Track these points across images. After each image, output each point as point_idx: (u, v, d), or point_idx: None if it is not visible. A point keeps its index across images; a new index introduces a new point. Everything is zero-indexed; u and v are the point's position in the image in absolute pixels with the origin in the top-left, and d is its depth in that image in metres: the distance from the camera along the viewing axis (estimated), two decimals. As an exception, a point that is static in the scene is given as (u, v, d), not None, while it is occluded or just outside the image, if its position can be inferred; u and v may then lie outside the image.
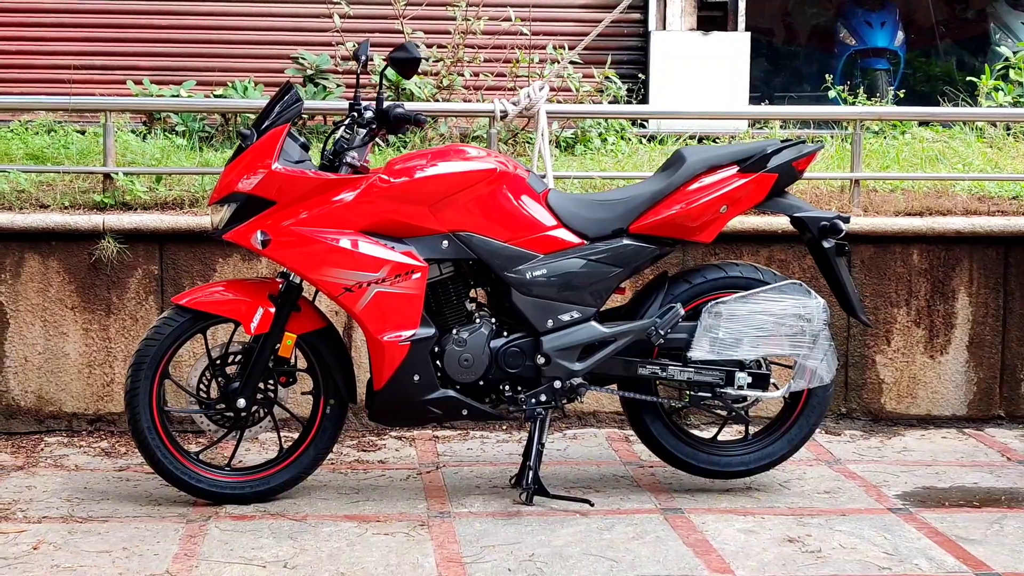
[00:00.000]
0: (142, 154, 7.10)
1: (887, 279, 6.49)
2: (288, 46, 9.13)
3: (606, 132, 8.43)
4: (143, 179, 6.60)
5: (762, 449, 5.49)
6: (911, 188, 7.11)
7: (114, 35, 9.31)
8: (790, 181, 5.34)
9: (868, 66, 11.07)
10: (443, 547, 4.79)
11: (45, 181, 6.71)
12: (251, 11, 9.45)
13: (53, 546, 4.75)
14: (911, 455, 6.10)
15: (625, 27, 9.82)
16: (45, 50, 9.21)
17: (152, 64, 9.25)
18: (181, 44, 9.31)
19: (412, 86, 8.05)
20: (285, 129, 5.06)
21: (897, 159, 7.73)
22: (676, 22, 9.80)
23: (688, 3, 9.85)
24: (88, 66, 9.28)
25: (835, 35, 11.58)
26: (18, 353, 6.21)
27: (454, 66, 8.38)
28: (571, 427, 6.44)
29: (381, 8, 8.82)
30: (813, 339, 5.30)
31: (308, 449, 5.29)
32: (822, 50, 12.17)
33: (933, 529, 5.04)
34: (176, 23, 9.36)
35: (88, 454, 5.96)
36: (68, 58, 9.21)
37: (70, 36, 9.25)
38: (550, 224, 5.22)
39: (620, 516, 5.16)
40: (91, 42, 9.29)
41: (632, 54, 9.79)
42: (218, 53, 9.30)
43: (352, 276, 5.03)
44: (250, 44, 9.33)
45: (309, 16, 9.26)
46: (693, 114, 8.08)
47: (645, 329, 5.25)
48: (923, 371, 6.54)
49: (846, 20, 11.40)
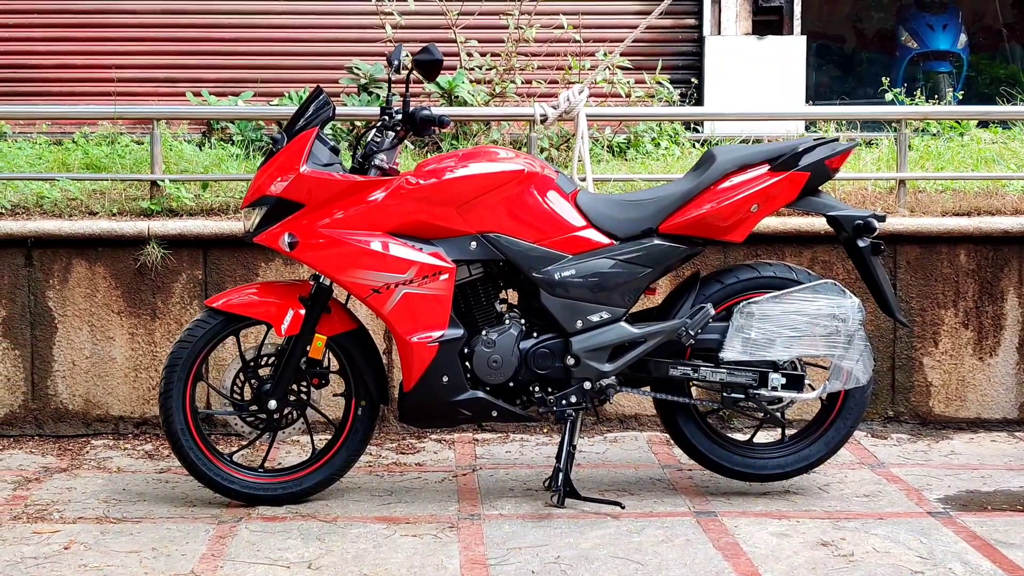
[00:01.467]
0: (195, 163, 7.16)
1: (934, 280, 6.40)
2: (344, 56, 9.18)
3: (659, 136, 8.41)
4: (191, 186, 6.67)
5: (799, 452, 5.42)
6: (962, 188, 7.00)
7: (178, 48, 9.46)
8: (823, 179, 5.27)
9: (930, 69, 10.97)
10: (469, 549, 4.78)
11: (99, 190, 6.80)
12: (308, 23, 9.56)
13: (84, 546, 4.81)
14: (957, 458, 6.01)
15: (680, 32, 9.82)
16: (112, 63, 9.36)
17: (214, 76, 9.39)
18: (241, 56, 9.44)
19: (465, 94, 8.07)
20: (314, 132, 5.09)
21: (953, 160, 7.62)
22: (731, 27, 9.76)
23: (743, 8, 9.81)
24: (152, 79, 9.43)
25: (896, 39, 11.47)
26: (66, 357, 6.30)
27: (506, 74, 8.39)
28: (612, 430, 6.42)
29: (434, 18, 8.84)
30: (848, 339, 5.23)
31: (340, 450, 5.31)
32: (884, 54, 12.05)
33: (972, 533, 4.95)
34: (236, 36, 9.49)
35: (131, 456, 6.02)
36: (132, 71, 9.36)
37: (135, 50, 9.41)
38: (579, 224, 5.20)
39: (651, 519, 5.12)
40: (156, 55, 9.45)
41: (687, 59, 9.77)
42: (276, 64, 9.42)
43: (380, 277, 5.05)
44: (307, 55, 9.44)
45: (364, 27, 9.33)
46: (731, 115, 8.06)
47: (675, 329, 5.21)
48: (972, 373, 6.43)
49: (907, 23, 11.30)
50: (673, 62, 9.70)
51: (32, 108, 8.11)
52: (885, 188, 6.90)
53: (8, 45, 9.34)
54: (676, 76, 9.57)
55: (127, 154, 7.32)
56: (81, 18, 9.38)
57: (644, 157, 8.04)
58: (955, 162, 7.57)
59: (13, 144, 7.54)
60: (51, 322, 6.28)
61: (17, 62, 9.33)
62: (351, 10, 9.41)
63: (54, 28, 9.38)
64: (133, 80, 9.29)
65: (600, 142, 8.20)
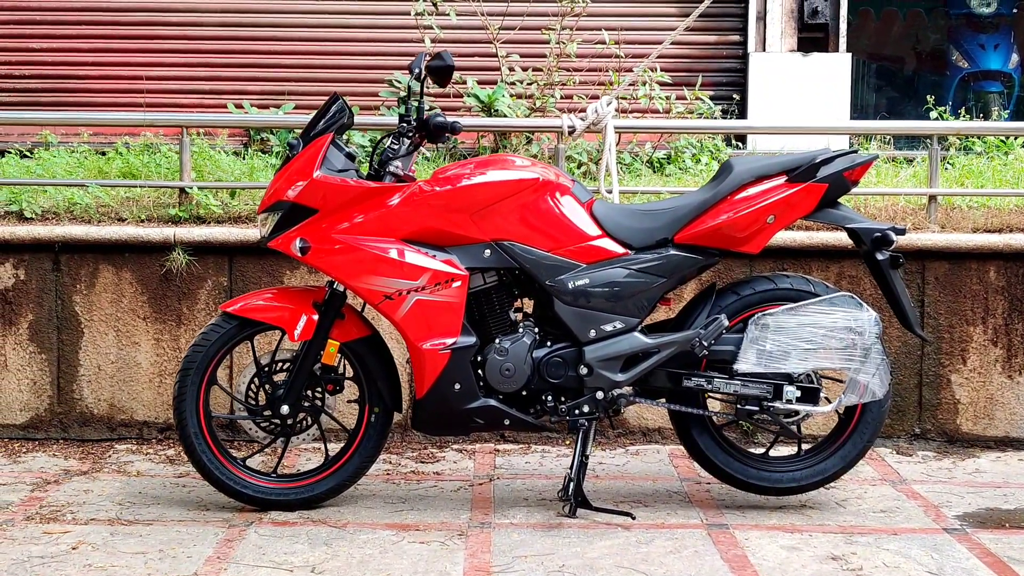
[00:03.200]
0: (229, 171, 7.21)
1: (963, 296, 6.31)
2: (385, 70, 9.22)
3: (699, 152, 8.36)
4: (221, 194, 6.71)
5: (814, 466, 5.36)
6: (998, 206, 6.91)
7: (223, 60, 9.53)
8: (842, 192, 5.22)
9: (981, 89, 10.83)
10: (475, 556, 4.77)
11: (133, 197, 6.85)
12: (350, 37, 9.60)
13: (91, 546, 4.84)
14: (982, 476, 5.92)
15: (724, 49, 9.76)
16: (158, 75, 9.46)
17: (258, 88, 9.44)
18: (283, 69, 9.49)
19: (504, 107, 8.08)
20: (328, 138, 5.11)
21: (993, 178, 7.52)
22: (776, 44, 9.69)
23: (788, 25, 9.75)
24: (196, 91, 9.52)
25: (947, 58, 11.34)
26: (92, 362, 6.35)
27: (547, 88, 8.39)
28: (635, 443, 6.38)
29: (476, 32, 8.86)
30: (865, 353, 5.17)
31: (353, 457, 5.31)
32: (935, 72, 11.92)
33: (985, 550, 4.88)
34: (279, 49, 9.55)
35: (153, 461, 6.06)
36: (178, 83, 9.46)
37: (180, 62, 9.49)
38: (594, 234, 5.18)
39: (662, 530, 5.08)
40: (201, 67, 9.52)
41: (731, 76, 9.71)
42: (318, 78, 9.46)
43: (392, 284, 5.06)
44: (349, 68, 9.48)
45: (405, 41, 9.36)
46: (762, 128, 8.06)
47: (689, 340, 5.18)
48: (1001, 391, 6.34)
49: (958, 43, 11.17)
50: (717, 79, 9.65)
51: (61, 115, 8.23)
52: (919, 204, 6.82)
53: (55, 56, 9.46)
54: (720, 93, 9.54)
55: (164, 163, 7.38)
56: (126, 29, 9.48)
57: (682, 173, 8.00)
58: (996, 180, 7.47)
59: (55, 153, 7.63)
60: (77, 326, 6.34)
61: (65, 72, 9.45)
62: (393, 24, 9.44)
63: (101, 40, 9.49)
64: (178, 92, 9.38)
65: (640, 157, 8.18)
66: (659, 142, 8.46)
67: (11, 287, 6.32)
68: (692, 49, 9.75)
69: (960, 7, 11.38)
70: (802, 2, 9.76)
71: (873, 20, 11.84)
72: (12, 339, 6.34)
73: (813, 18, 9.74)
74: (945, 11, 11.55)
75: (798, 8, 9.77)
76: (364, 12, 9.66)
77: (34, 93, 9.41)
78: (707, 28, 9.76)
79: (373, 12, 9.64)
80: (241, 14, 9.60)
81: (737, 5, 9.79)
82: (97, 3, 9.53)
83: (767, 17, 9.74)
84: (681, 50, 9.69)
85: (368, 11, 9.65)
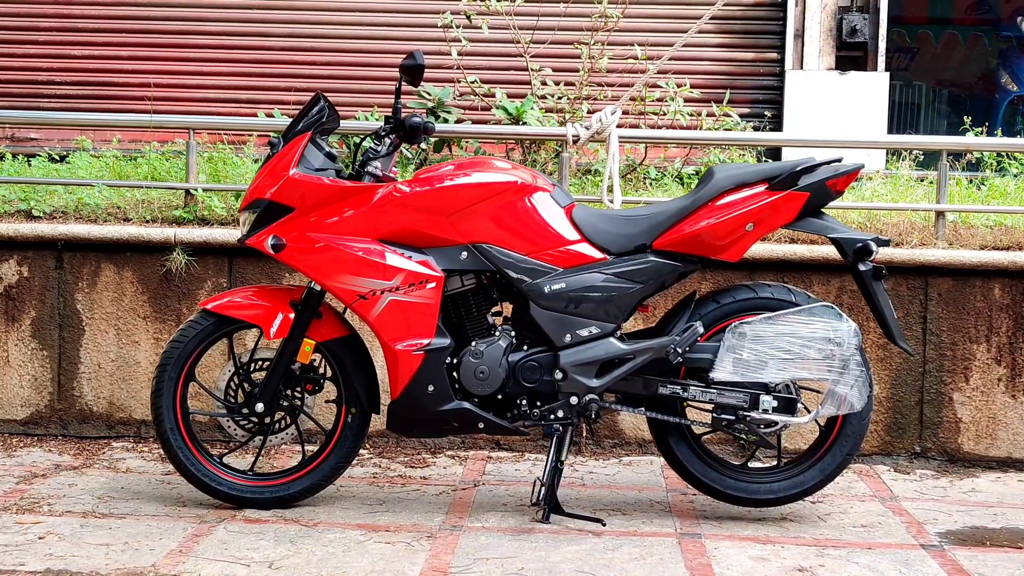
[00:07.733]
0: (242, 175, 7.27)
1: (966, 313, 6.20)
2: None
3: (726, 167, 8.28)
4: (228, 198, 6.76)
5: (792, 478, 5.29)
6: (1015, 225, 6.77)
7: (254, 70, 9.65)
8: (824, 201, 5.15)
9: (1029, 111, 10.69)
10: (436, 557, 4.74)
11: (148, 200, 6.91)
12: (380, 48, 9.67)
13: (58, 537, 4.88)
14: (976, 496, 5.80)
15: (761, 66, 9.70)
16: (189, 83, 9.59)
17: (290, 99, 9.52)
18: (314, 80, 9.57)
19: (533, 120, 8.07)
20: (306, 137, 5.13)
21: (1019, 196, 7.39)
22: (814, 62, 9.62)
23: (826, 43, 9.67)
24: (233, 99, 9.63)
25: (996, 81, 11.19)
26: (92, 360, 6.42)
27: (577, 102, 8.37)
28: (630, 454, 6.33)
29: (507, 46, 8.87)
30: (844, 364, 5.09)
31: (329, 457, 5.31)
32: (986, 95, 11.76)
33: (958, 567, 4.77)
34: (310, 59, 9.65)
35: (145, 459, 6.10)
36: (213, 91, 9.58)
37: (210, 71, 9.61)
38: (572, 238, 5.15)
39: (632, 537, 5.03)
40: (236, 76, 9.64)
41: (767, 93, 9.65)
42: (347, 88, 9.52)
43: (366, 283, 5.06)
44: (377, 80, 9.52)
45: (435, 53, 9.39)
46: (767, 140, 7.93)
47: (664, 347, 5.13)
48: (1004, 411, 6.21)
49: (1007, 65, 11.03)
50: (753, 95, 9.60)
51: (60, 116, 8.40)
52: (931, 221, 6.71)
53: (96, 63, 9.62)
54: (755, 110, 9.48)
55: (182, 166, 7.45)
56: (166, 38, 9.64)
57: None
58: (1021, 199, 7.33)
59: (80, 156, 7.73)
60: (79, 324, 6.41)
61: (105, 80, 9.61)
62: (423, 36, 9.48)
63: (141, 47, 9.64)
64: (216, 100, 9.52)
65: (670, 172, 8.14)
66: (687, 157, 8.41)
67: (15, 284, 6.41)
68: (729, 66, 9.70)
69: (1012, 30, 11.25)
70: (840, 20, 9.68)
71: (933, 44, 11.74)
72: (15, 335, 6.42)
73: (852, 36, 9.66)
74: (996, 34, 11.42)
75: (836, 26, 9.70)
76: (400, 24, 9.72)
77: (75, 100, 9.59)
78: (744, 45, 9.71)
79: (407, 24, 9.70)
80: (281, 24, 9.72)
81: (775, 23, 9.74)
82: (138, 12, 9.70)
83: (805, 35, 9.67)
84: (718, 67, 9.65)
85: (402, 23, 9.72)
